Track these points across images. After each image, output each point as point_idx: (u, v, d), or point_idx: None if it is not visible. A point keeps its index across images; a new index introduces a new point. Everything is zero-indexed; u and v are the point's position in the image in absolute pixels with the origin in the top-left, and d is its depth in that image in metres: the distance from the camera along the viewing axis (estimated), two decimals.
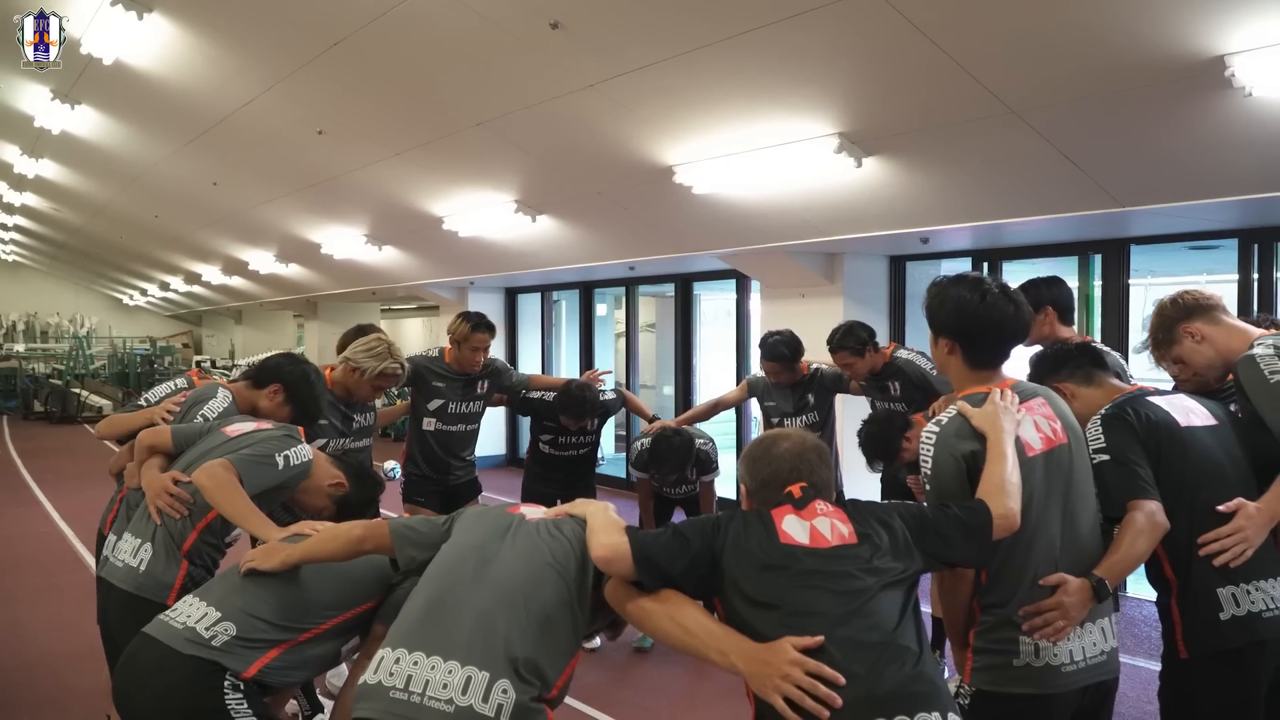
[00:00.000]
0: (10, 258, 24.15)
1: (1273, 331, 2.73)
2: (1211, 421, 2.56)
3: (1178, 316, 2.77)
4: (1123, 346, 6.16)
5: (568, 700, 4.52)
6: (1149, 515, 2.33)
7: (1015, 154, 4.77)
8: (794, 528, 2.09)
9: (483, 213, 7.88)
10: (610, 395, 5.47)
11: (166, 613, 2.60)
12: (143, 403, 3.55)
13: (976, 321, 2.34)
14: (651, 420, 5.40)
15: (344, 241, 10.43)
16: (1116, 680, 2.37)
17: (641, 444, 5.23)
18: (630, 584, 2.18)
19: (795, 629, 1.94)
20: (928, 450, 2.32)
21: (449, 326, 4.95)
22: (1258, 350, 2.55)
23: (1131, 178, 4.69)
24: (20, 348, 23.95)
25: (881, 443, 4.20)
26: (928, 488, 2.34)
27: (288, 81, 6.50)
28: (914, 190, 5.46)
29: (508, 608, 2.21)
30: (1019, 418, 2.30)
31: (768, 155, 5.40)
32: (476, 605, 2.21)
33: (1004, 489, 2.17)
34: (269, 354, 3.83)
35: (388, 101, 6.58)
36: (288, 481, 3.06)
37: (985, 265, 6.98)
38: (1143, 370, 5.93)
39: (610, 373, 5.86)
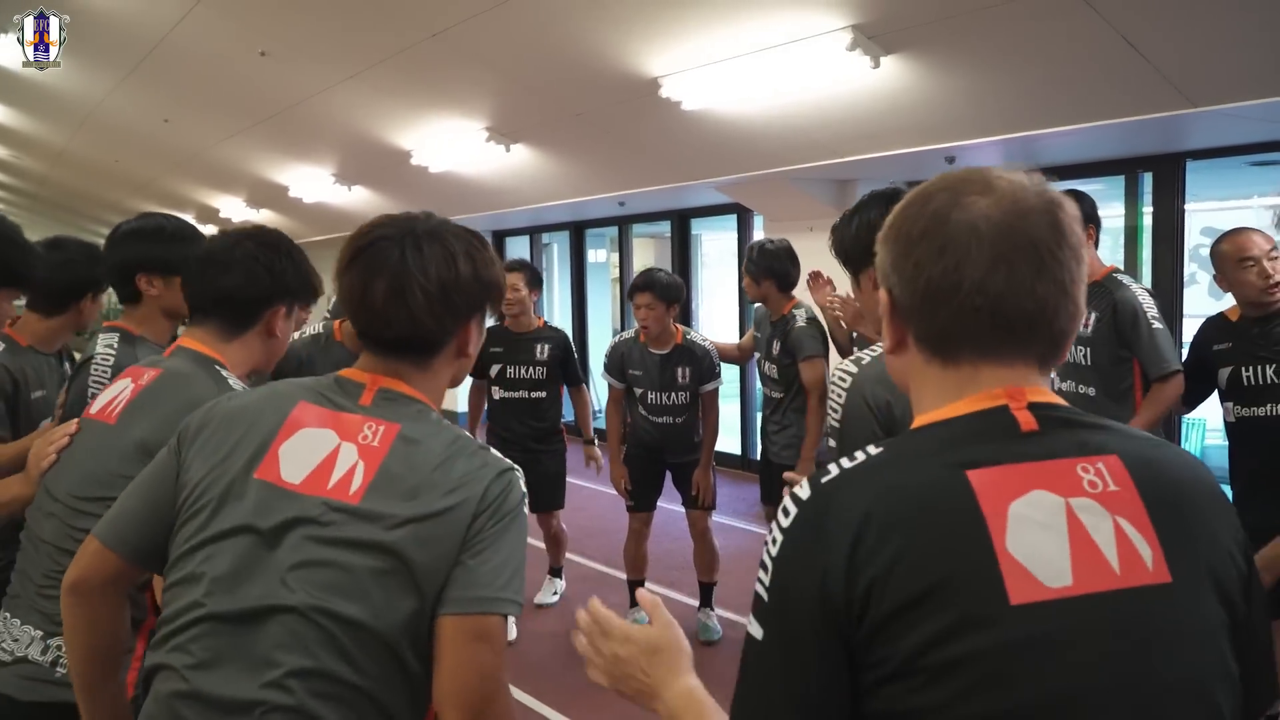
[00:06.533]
0: None
1: None
2: None
3: None
4: (1176, 280, 5.37)
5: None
6: None
7: (1067, 43, 3.92)
8: (1031, 538, 0.84)
9: (452, 144, 7.05)
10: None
11: None
12: None
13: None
14: (589, 442, 4.89)
15: (311, 183, 9.64)
16: None
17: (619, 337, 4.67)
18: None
19: None
20: (837, 399, 1.73)
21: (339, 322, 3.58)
22: None
23: (1210, 67, 3.83)
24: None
25: None
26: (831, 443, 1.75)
27: None
28: (940, 96, 4.61)
29: None
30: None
31: (767, 60, 4.56)
32: None
33: None
34: None
35: (330, 12, 5.75)
36: None
37: None
38: (1198, 305, 5.04)
39: None
